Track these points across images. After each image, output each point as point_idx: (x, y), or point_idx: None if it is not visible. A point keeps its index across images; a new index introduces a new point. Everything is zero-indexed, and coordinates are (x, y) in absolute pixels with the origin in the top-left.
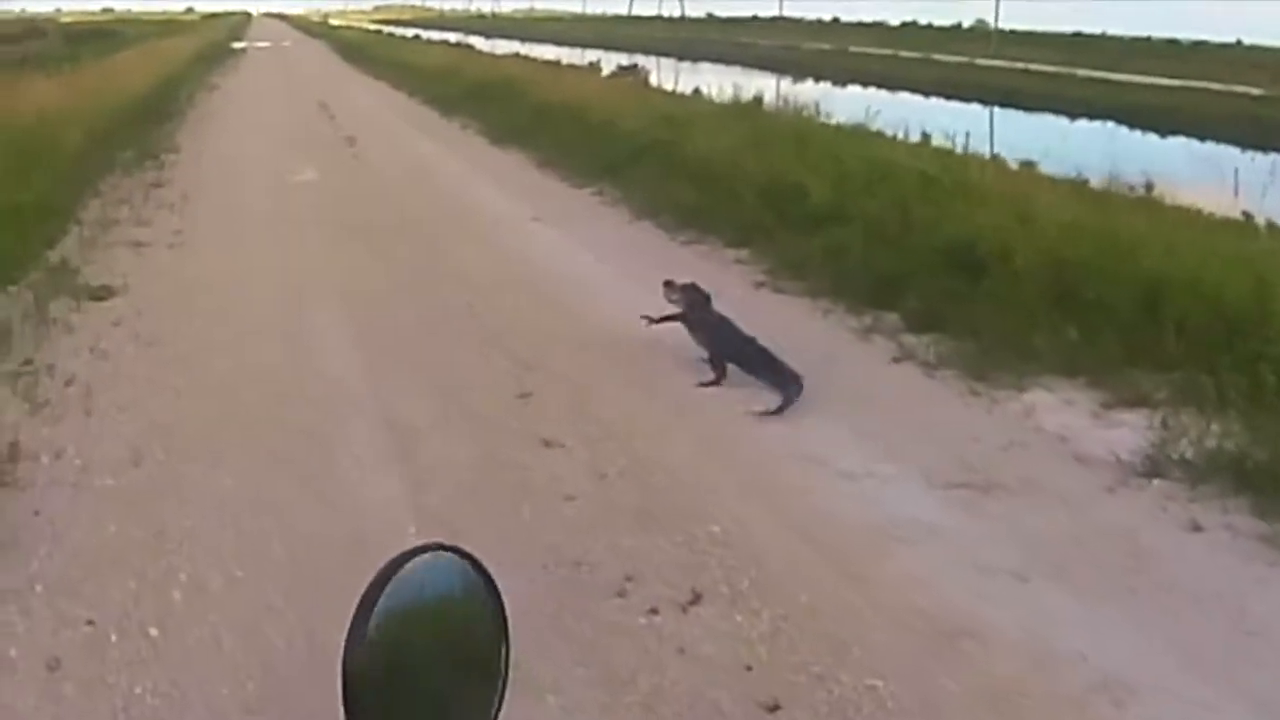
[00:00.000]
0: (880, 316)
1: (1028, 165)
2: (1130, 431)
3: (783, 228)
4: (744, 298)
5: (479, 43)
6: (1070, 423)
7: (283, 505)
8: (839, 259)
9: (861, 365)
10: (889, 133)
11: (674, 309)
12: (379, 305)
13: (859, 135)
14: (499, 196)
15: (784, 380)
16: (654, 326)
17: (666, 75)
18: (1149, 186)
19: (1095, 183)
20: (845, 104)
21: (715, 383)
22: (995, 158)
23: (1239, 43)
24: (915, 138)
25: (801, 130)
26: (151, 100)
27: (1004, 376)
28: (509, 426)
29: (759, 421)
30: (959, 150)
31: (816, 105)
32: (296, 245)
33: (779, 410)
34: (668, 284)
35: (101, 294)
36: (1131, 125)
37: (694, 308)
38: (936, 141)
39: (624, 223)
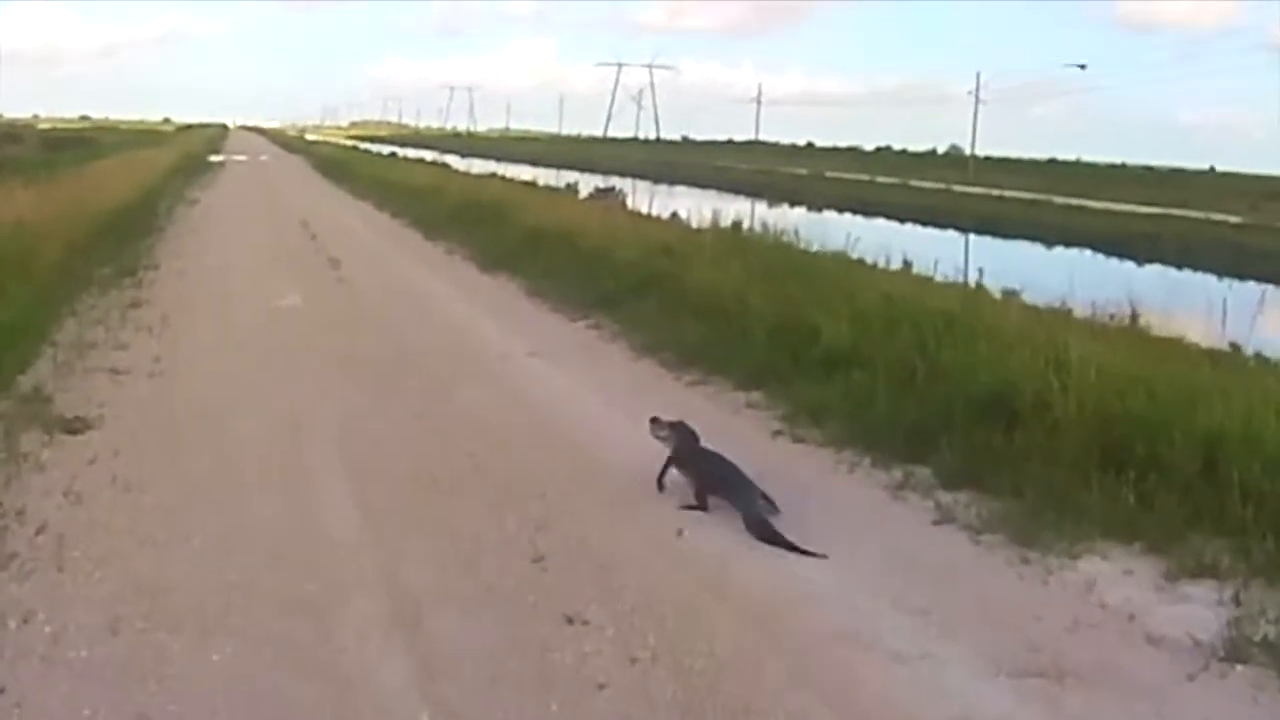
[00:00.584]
0: (911, 471)
1: (1010, 293)
2: (1201, 607)
3: (796, 370)
4: (760, 447)
5: (455, 161)
6: (1134, 597)
7: (279, 693)
8: (861, 406)
9: (899, 528)
10: (870, 259)
11: (664, 448)
12: (377, 451)
13: (868, 269)
14: (492, 328)
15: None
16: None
17: (644, 198)
18: (1134, 315)
19: (1079, 311)
20: (823, 229)
21: (698, 508)
22: (979, 285)
23: (1213, 170)
24: (896, 264)
25: (805, 264)
26: (130, 213)
27: (1055, 542)
28: (525, 599)
29: (797, 594)
30: (957, 281)
31: (796, 231)
32: (285, 380)
33: (750, 529)
34: (654, 421)
35: (77, 427)
36: (1109, 253)
37: (683, 445)
38: (918, 269)
39: (626, 360)
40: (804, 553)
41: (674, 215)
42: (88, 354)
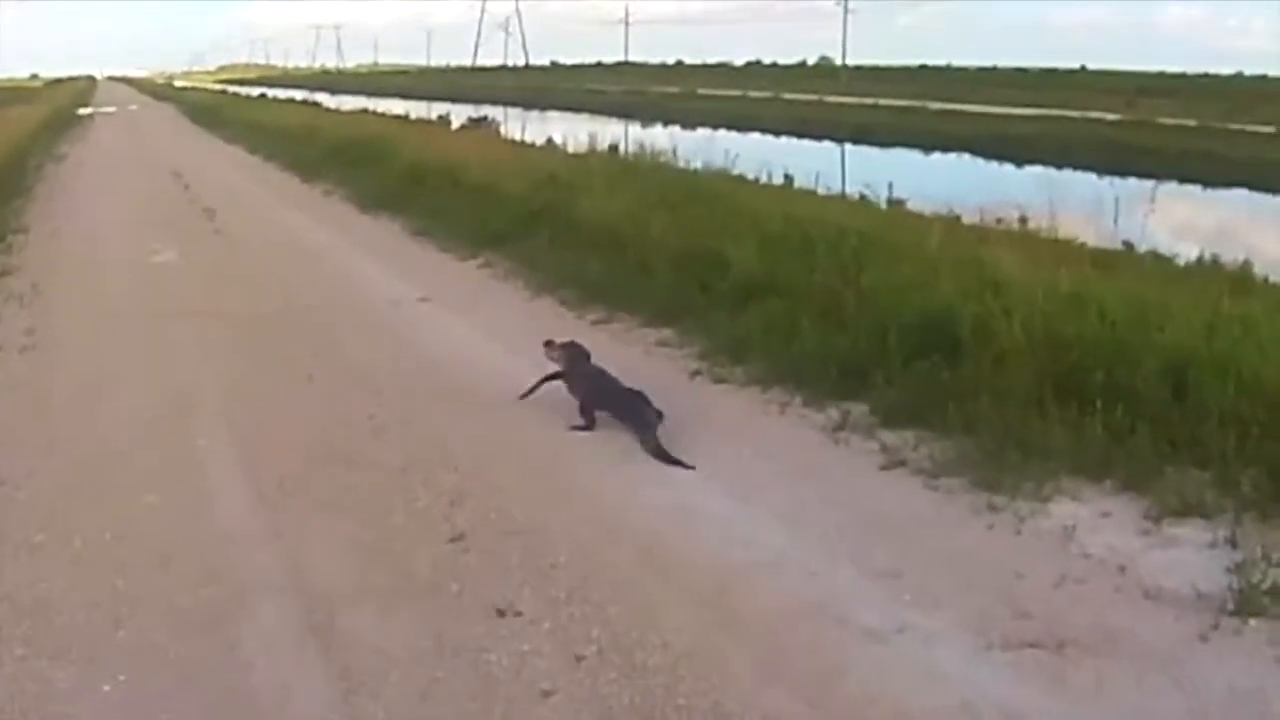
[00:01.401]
0: (847, 410)
1: (896, 203)
2: (1193, 552)
3: (707, 303)
4: (678, 389)
5: (325, 99)
6: (1119, 544)
7: None
8: (784, 340)
9: (844, 476)
10: (751, 176)
11: (555, 368)
12: (268, 422)
13: (764, 189)
14: (380, 273)
15: (646, 423)
16: (532, 395)
17: (517, 125)
18: (1023, 219)
19: (968, 218)
20: (700, 148)
21: (586, 428)
22: (864, 197)
23: (1084, 69)
24: (778, 180)
25: (700, 187)
26: None
27: (1020, 484)
28: (448, 589)
29: (749, 562)
30: (852, 196)
31: (674, 151)
32: (165, 346)
33: (646, 448)
34: (548, 344)
35: None
36: (988, 156)
37: (574, 364)
38: (800, 183)
39: (522, 301)
40: (685, 466)
41: (549, 141)
42: None
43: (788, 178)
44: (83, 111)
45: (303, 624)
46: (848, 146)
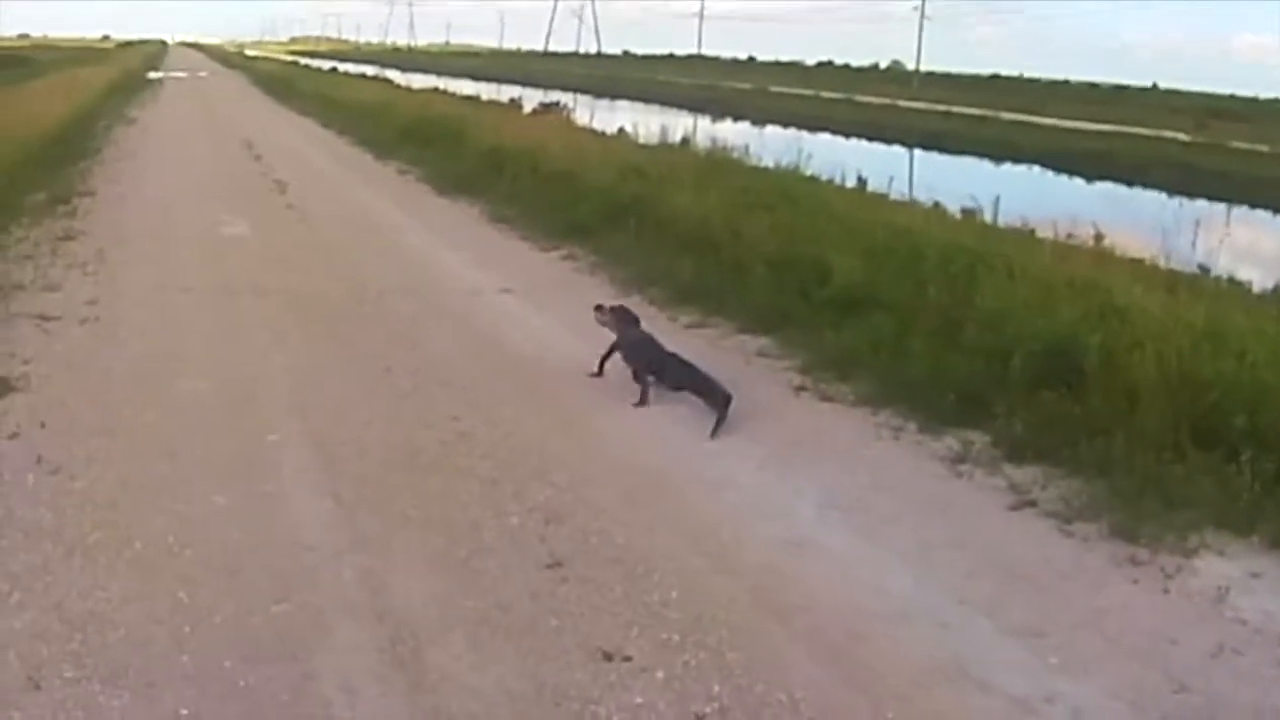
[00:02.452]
0: (967, 440)
1: (969, 213)
2: None
3: (807, 312)
4: (783, 406)
5: (396, 76)
6: (1276, 611)
7: None
8: (893, 358)
9: (970, 515)
10: (825, 177)
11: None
12: (343, 417)
13: (857, 196)
14: (457, 260)
15: (713, 394)
16: (602, 370)
17: (587, 113)
18: (1098, 236)
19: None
20: (771, 145)
21: (642, 402)
22: (937, 205)
23: (1155, 86)
24: (850, 182)
25: (791, 187)
26: (66, 134)
27: (1162, 534)
28: (546, 624)
29: (873, 611)
30: (978, 215)
31: (747, 148)
32: (234, 327)
33: (715, 429)
34: (598, 308)
35: None
36: (1058, 169)
37: (625, 330)
38: (872, 187)
39: (610, 298)
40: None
41: (621, 131)
42: (13, 297)
43: (861, 180)
44: (153, 75)
45: (386, 655)
46: (918, 152)
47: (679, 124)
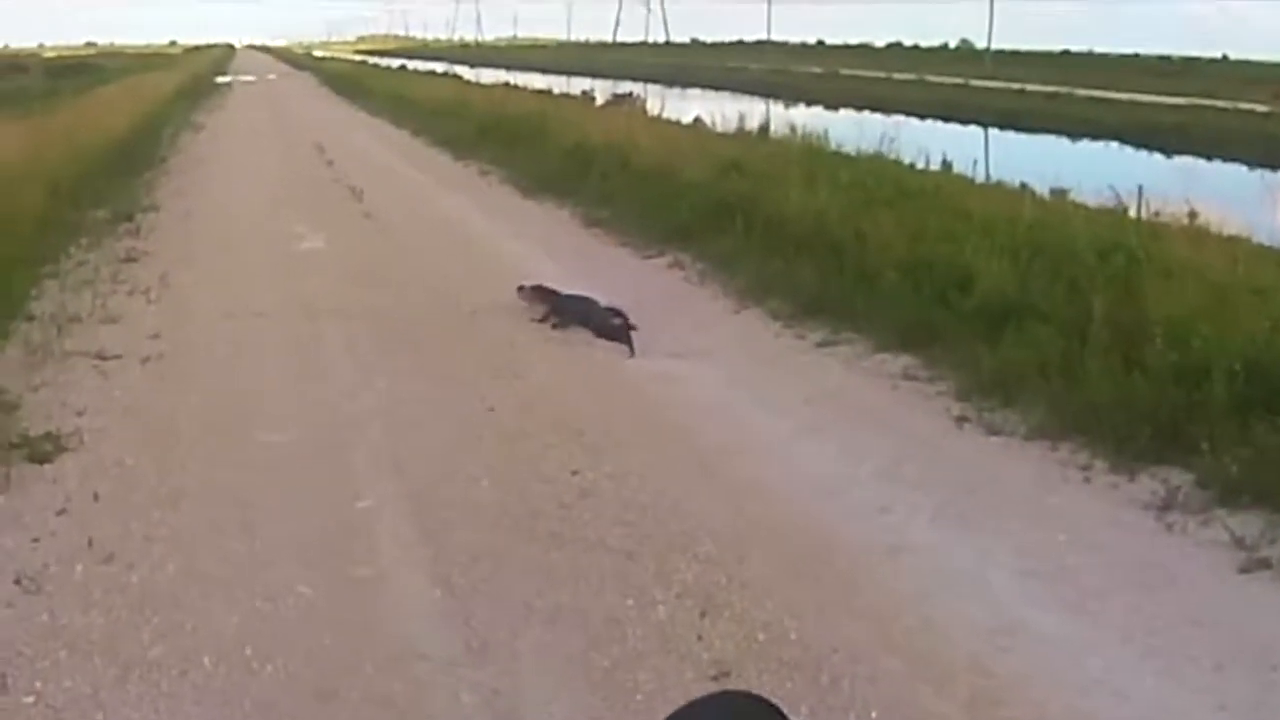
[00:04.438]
0: (1170, 482)
1: (1059, 193)
2: None
3: (952, 324)
4: (946, 443)
5: (464, 72)
6: None
7: None
8: (1064, 381)
9: (1196, 581)
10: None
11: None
12: (447, 470)
13: (973, 186)
14: (556, 271)
15: (618, 327)
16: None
17: (659, 103)
18: (1192, 214)
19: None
20: (848, 129)
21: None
22: (1024, 186)
23: (1225, 58)
24: (934, 164)
25: (906, 180)
26: (130, 143)
27: None
28: None
29: None
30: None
31: (825, 133)
32: (313, 354)
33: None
34: (520, 289)
35: (45, 451)
36: (1137, 145)
37: (549, 300)
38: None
39: (726, 313)
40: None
41: (696, 120)
42: (69, 331)
43: (946, 163)
44: (221, 80)
45: None
46: (994, 132)
47: (752, 110)
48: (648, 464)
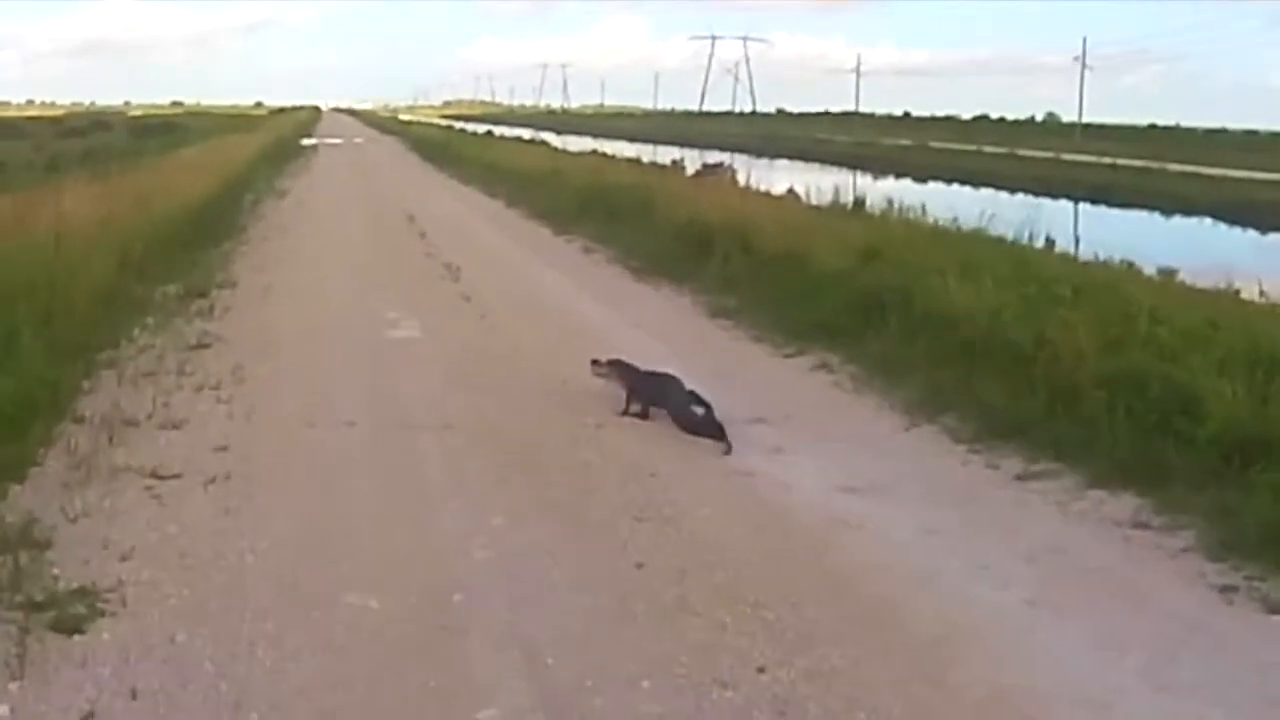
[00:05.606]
0: None
1: (1166, 273)
2: None
3: (1183, 461)
4: (1215, 625)
5: (551, 139)
6: None
7: None
8: None
9: None
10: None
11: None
12: (594, 667)
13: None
14: (686, 372)
15: (701, 419)
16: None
17: (748, 173)
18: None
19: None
20: (945, 202)
21: (641, 415)
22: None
23: None
24: (1039, 242)
25: (1081, 274)
26: (209, 210)
27: None
28: None
29: None
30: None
31: (923, 208)
32: (414, 486)
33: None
34: (594, 362)
35: (76, 616)
36: (1230, 221)
37: (627, 377)
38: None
39: (895, 431)
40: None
41: (790, 191)
42: (122, 439)
43: (1049, 241)
44: (306, 142)
45: None
46: (1086, 206)
47: (843, 182)
48: (852, 660)
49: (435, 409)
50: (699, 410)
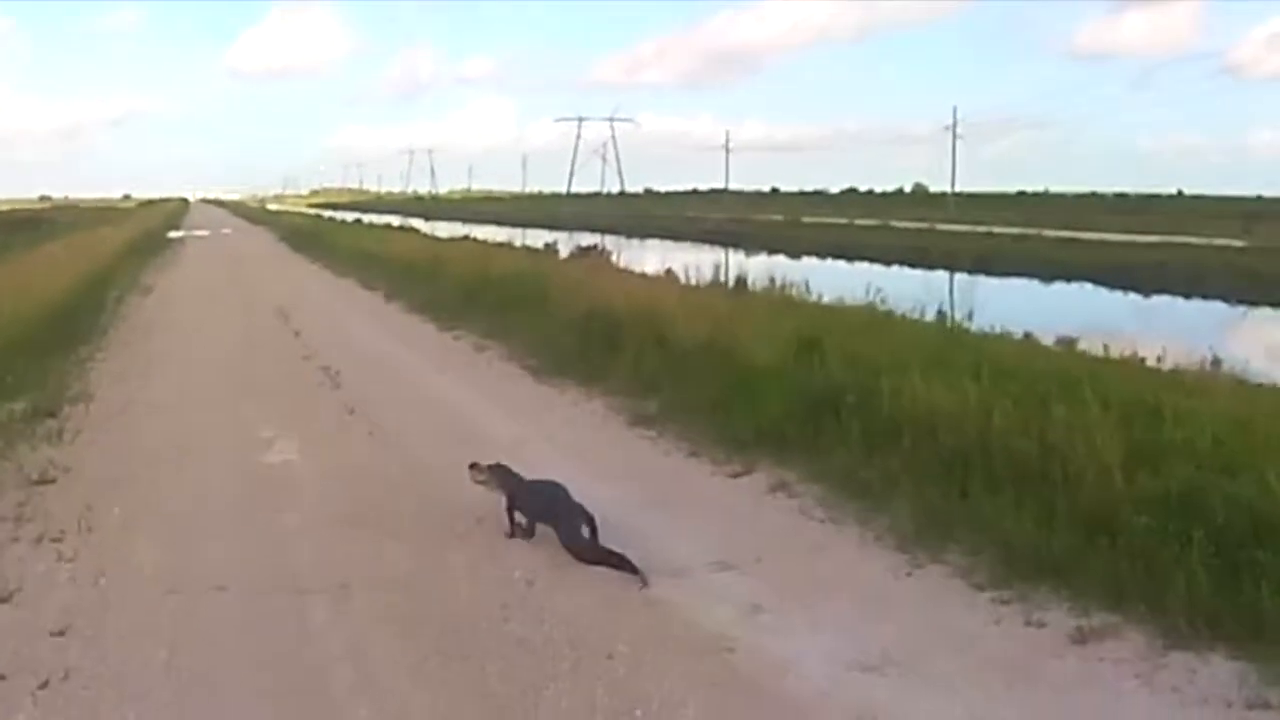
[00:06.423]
0: None
1: (1065, 341)
2: None
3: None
4: None
5: (420, 224)
6: None
7: None
8: None
9: None
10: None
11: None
12: None
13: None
14: (621, 503)
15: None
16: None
17: (622, 254)
18: (1216, 360)
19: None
20: (825, 279)
21: (527, 534)
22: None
23: (1181, 194)
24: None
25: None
26: (68, 310)
27: None
28: None
29: None
30: None
31: (806, 284)
32: (311, 683)
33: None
34: (473, 466)
35: None
36: (1111, 286)
37: (508, 485)
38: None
39: (894, 573)
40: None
41: (668, 272)
42: None
43: (941, 313)
44: (174, 235)
45: None
46: (964, 277)
47: (718, 260)
48: None
49: (326, 560)
50: (586, 531)
